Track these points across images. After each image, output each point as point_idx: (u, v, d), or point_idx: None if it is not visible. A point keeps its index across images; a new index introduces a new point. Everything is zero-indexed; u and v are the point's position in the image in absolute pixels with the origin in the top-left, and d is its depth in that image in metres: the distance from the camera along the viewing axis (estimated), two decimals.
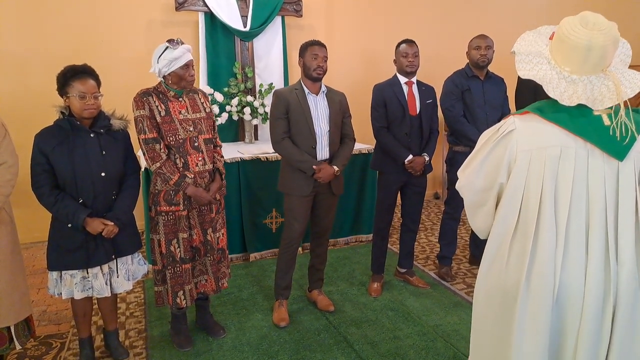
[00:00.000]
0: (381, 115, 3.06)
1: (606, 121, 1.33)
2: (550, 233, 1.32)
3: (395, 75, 3.09)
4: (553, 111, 1.37)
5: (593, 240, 1.30)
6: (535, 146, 1.35)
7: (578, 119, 1.34)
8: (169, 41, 2.33)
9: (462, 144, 3.28)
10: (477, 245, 3.58)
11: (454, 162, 3.37)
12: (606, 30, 1.30)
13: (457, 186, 1.55)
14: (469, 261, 3.73)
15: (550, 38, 1.43)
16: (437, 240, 3.76)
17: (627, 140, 1.31)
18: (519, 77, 3.78)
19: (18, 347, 2.23)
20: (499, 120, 3.24)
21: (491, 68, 3.33)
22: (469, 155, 1.52)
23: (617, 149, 1.32)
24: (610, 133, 1.31)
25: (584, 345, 1.28)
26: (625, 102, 1.30)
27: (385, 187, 3.14)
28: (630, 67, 1.41)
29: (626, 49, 1.42)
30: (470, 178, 1.48)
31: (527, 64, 1.42)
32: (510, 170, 1.39)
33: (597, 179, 1.32)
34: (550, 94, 1.34)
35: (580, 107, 1.35)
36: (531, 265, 1.33)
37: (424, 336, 2.68)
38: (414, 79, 3.06)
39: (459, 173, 1.55)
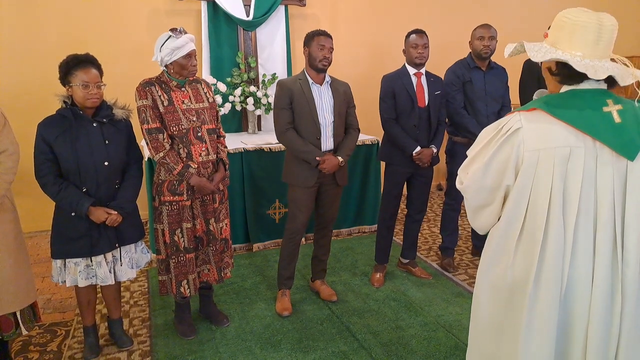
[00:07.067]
0: (390, 107, 3.02)
1: (617, 118, 1.28)
2: (559, 233, 1.29)
3: (404, 66, 3.05)
4: (561, 106, 1.31)
5: (600, 241, 1.28)
6: (543, 146, 1.30)
7: (588, 116, 1.28)
8: (171, 30, 2.32)
9: (461, 134, 3.27)
10: (479, 237, 3.58)
11: (453, 153, 3.36)
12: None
13: (460, 187, 1.47)
14: (471, 252, 3.74)
15: (545, 36, 1.38)
16: (439, 231, 3.76)
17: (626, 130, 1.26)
18: (523, 67, 3.76)
19: (24, 332, 2.26)
20: (498, 112, 3.24)
21: (494, 58, 3.30)
22: (470, 153, 1.46)
23: (628, 147, 1.27)
24: (621, 130, 1.26)
25: (594, 339, 1.27)
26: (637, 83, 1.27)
27: (393, 178, 3.13)
28: (629, 58, 1.39)
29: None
30: (476, 178, 1.40)
31: (538, 52, 1.35)
32: (517, 171, 1.34)
33: (606, 179, 1.28)
34: (581, 69, 1.26)
35: (590, 101, 1.30)
36: (540, 265, 1.31)
37: (426, 326, 2.69)
38: (422, 70, 3.02)
39: (460, 172, 1.48)
